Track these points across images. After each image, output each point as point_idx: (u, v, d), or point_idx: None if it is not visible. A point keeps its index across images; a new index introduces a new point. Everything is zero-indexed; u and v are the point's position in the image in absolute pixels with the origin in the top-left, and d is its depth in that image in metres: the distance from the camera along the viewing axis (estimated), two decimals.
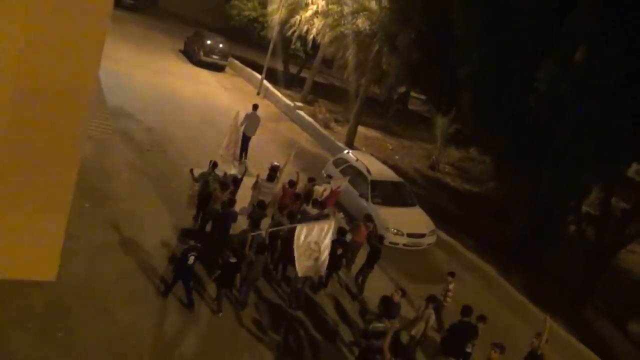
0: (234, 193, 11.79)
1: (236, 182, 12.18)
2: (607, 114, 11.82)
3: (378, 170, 16.37)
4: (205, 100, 16.25)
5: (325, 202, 12.69)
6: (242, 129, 15.76)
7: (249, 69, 30.18)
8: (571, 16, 12.28)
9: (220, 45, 29.50)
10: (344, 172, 16.27)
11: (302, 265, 9.73)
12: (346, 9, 22.88)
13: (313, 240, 9.77)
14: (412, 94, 33.14)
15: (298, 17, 25.34)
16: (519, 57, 13.25)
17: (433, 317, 10.08)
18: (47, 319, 8.59)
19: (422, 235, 14.69)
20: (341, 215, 15.06)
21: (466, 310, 9.88)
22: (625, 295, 15.81)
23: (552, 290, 14.53)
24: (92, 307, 9.15)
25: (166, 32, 34.07)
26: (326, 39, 24.24)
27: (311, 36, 24.94)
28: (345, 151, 18.09)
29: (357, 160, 16.53)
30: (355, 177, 15.91)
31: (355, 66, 23.26)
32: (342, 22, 23.01)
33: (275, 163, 13.45)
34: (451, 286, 11.33)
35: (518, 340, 11.19)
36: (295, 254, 9.68)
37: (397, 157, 24.08)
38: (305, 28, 25.00)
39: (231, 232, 11.34)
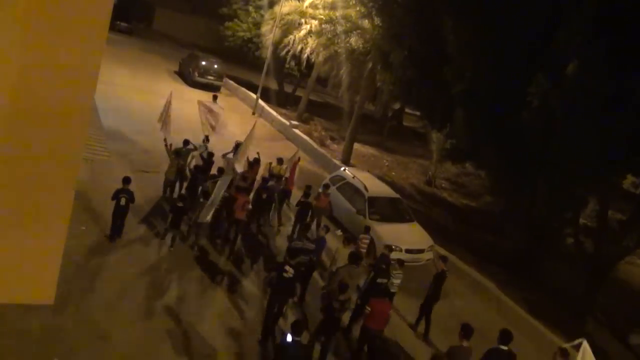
0: (209, 164, 14.41)
1: (211, 155, 14.80)
2: (599, 127, 11.92)
3: (375, 186, 16.39)
4: (200, 120, 16.48)
5: (289, 177, 15.18)
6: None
7: (244, 89, 30.38)
8: (561, 31, 12.44)
9: (215, 66, 29.72)
10: (340, 190, 16.32)
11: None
12: (339, 28, 23.15)
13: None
14: (407, 110, 33.38)
15: (292, 37, 25.61)
16: (511, 73, 13.38)
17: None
18: (44, 342, 8.50)
19: (421, 251, 14.65)
20: (339, 232, 15.15)
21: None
22: (626, 307, 15.76)
23: (552, 304, 14.47)
24: (90, 330, 9.06)
25: (161, 54, 34.33)
26: (320, 57, 24.48)
27: (305, 55, 25.18)
28: (342, 168, 18.13)
29: (353, 177, 16.56)
30: (352, 194, 15.95)
31: (349, 84, 23.48)
32: (336, 41, 23.28)
33: (239, 141, 15.57)
34: (364, 236, 13.19)
35: (519, 354, 11.12)
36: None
37: (393, 173, 24.14)
38: (299, 47, 25.25)
39: None
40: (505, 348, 8.84)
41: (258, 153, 15.85)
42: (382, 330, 9.92)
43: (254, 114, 27.44)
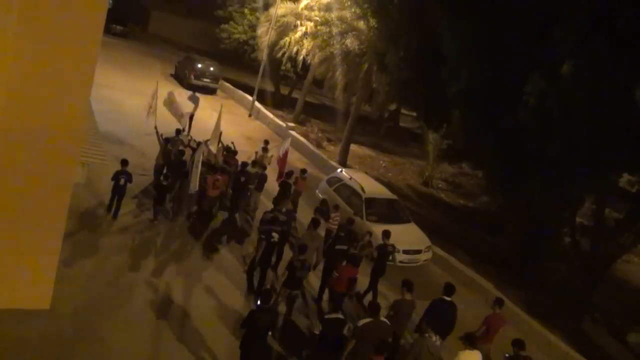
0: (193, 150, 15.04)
1: (199, 144, 15.32)
2: (595, 126, 11.94)
3: (372, 187, 16.39)
4: (196, 123, 16.55)
5: (280, 166, 16.20)
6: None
7: (240, 91, 30.36)
8: (556, 30, 12.46)
9: (211, 69, 29.71)
10: (337, 191, 16.31)
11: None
12: (335, 30, 23.17)
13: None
14: (403, 111, 33.43)
15: (287, 38, 25.62)
16: (506, 72, 13.40)
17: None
18: (41, 347, 8.47)
19: (418, 252, 14.65)
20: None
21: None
22: (623, 306, 15.79)
23: (549, 303, 14.49)
24: (87, 334, 9.03)
25: (156, 57, 34.29)
26: (316, 59, 24.49)
27: (301, 57, 25.19)
28: (339, 170, 18.12)
29: (350, 178, 16.56)
30: (349, 195, 15.95)
31: (345, 85, 23.49)
32: (332, 42, 23.29)
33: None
34: (335, 214, 13.88)
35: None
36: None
37: (390, 174, 24.16)
38: (295, 49, 25.27)
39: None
40: (448, 299, 9.89)
41: (232, 143, 16.57)
42: (348, 292, 10.89)
43: (250, 116, 27.42)
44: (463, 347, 8.65)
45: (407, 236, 15.00)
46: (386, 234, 12.69)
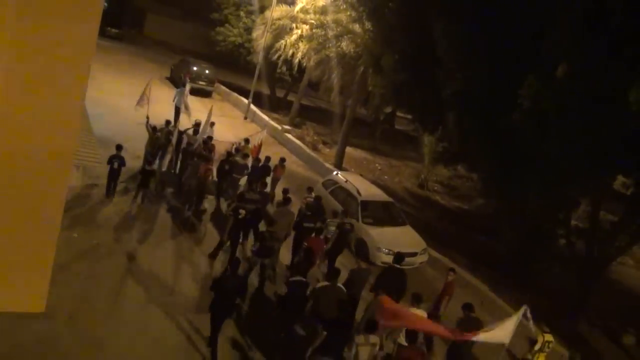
0: (180, 141, 16.61)
1: (181, 133, 16.91)
2: (590, 127, 11.97)
3: (368, 190, 16.40)
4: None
5: (252, 153, 17.29)
6: (174, 102, 21.56)
7: (235, 94, 30.34)
8: (551, 33, 12.50)
9: (207, 71, 29.65)
10: (333, 194, 16.32)
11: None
12: (330, 33, 23.22)
13: None
14: (399, 113, 33.48)
15: (283, 41, 25.64)
16: (502, 75, 13.43)
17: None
18: (36, 352, 8.43)
19: (414, 254, 14.66)
20: None
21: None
22: (619, 308, 15.82)
23: (545, 305, 14.50)
24: (83, 338, 9.00)
25: (152, 60, 34.22)
26: (312, 62, 24.52)
27: (297, 60, 25.23)
28: (334, 172, 18.13)
29: (346, 181, 16.56)
30: (345, 197, 15.96)
31: (341, 88, 23.52)
32: (327, 45, 23.33)
33: (198, 120, 17.68)
34: (307, 196, 14.69)
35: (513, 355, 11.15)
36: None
37: (386, 176, 24.17)
38: (290, 52, 25.29)
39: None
40: (398, 266, 11.34)
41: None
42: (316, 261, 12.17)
43: (246, 118, 27.40)
44: (410, 305, 9.94)
45: (403, 238, 15.02)
46: (343, 212, 13.96)
